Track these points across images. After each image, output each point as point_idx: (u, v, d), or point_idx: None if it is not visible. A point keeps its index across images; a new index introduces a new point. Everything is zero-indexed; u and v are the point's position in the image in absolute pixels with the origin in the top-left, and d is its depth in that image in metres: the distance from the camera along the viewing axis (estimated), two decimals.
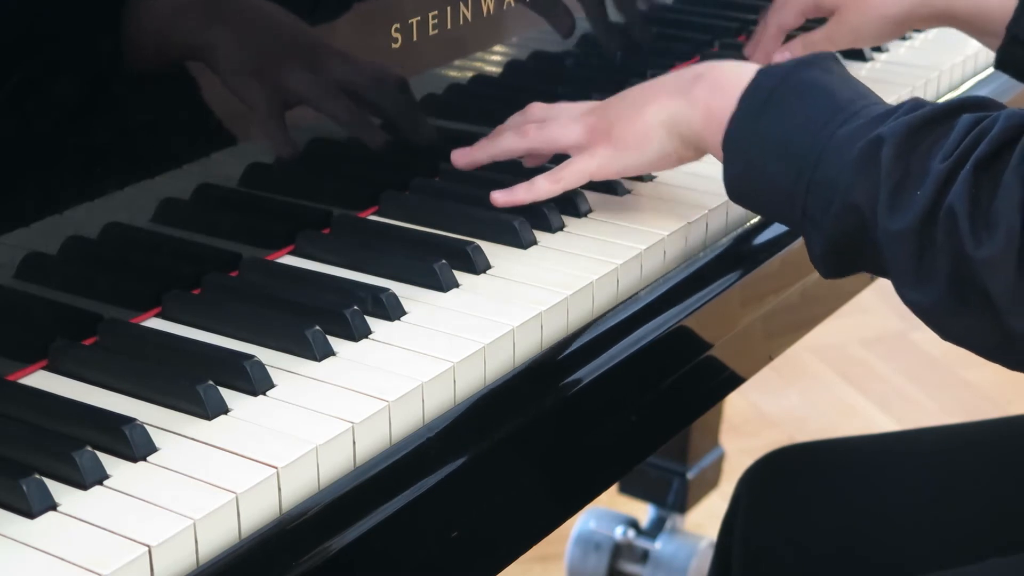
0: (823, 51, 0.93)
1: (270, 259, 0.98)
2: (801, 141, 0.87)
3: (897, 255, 0.81)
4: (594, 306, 0.94)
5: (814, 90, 0.89)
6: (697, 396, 1.05)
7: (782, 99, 0.89)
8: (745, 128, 0.90)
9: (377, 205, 1.05)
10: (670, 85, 0.98)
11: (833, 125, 0.86)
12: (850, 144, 0.84)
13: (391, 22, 1.02)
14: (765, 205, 0.92)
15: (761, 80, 0.91)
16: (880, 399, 2.45)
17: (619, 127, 0.99)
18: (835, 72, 0.91)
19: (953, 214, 0.78)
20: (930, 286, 0.80)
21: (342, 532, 0.74)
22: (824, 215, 0.85)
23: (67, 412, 0.79)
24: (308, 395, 0.81)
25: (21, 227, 0.83)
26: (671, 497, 1.83)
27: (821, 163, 0.85)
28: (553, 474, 0.89)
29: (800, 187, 0.86)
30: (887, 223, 0.81)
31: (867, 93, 0.90)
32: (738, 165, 0.91)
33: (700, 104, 0.95)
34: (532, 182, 1.00)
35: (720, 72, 0.95)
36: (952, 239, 0.78)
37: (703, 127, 0.95)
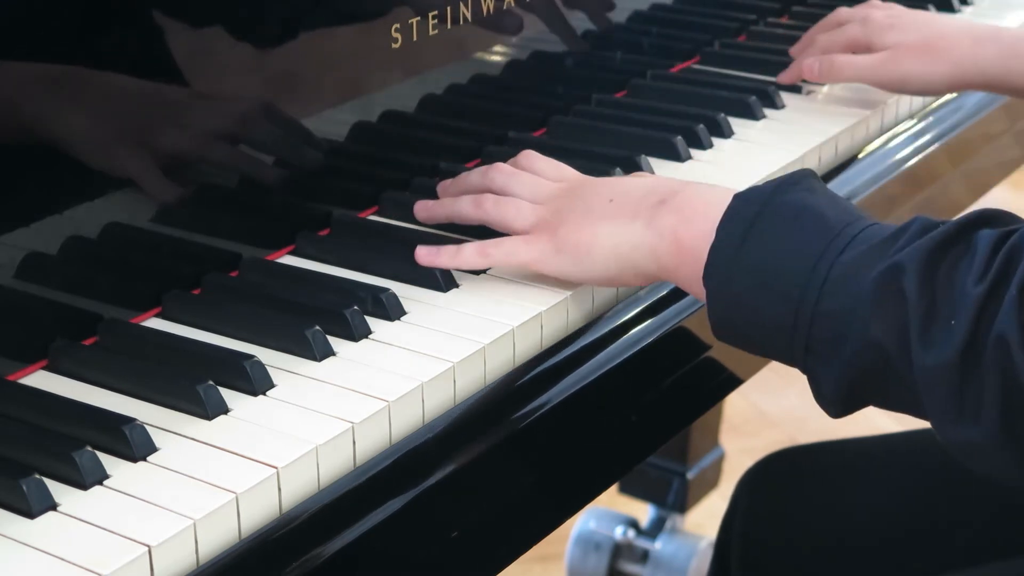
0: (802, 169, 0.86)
1: (270, 259, 0.98)
2: (796, 271, 0.79)
3: (936, 391, 0.74)
4: (594, 306, 0.94)
5: (802, 214, 0.81)
6: (697, 396, 1.05)
7: (767, 225, 0.81)
8: (727, 260, 0.82)
9: (377, 205, 1.05)
10: (630, 206, 0.89)
11: (831, 253, 0.79)
12: (857, 273, 0.77)
13: (391, 22, 1.02)
14: (757, 342, 0.83)
15: (739, 206, 0.83)
16: None
17: (565, 230, 0.91)
18: (819, 192, 0.83)
19: (1005, 343, 0.71)
20: (975, 421, 0.74)
21: (342, 532, 0.74)
22: (835, 351, 0.78)
23: (67, 412, 0.79)
24: (308, 395, 0.81)
25: (21, 227, 0.83)
26: (671, 497, 1.83)
27: (825, 295, 0.78)
28: (553, 474, 0.89)
29: (802, 322, 0.79)
30: (923, 359, 0.74)
31: (858, 213, 0.82)
32: (723, 301, 0.83)
33: (667, 234, 0.86)
34: (460, 248, 0.93)
35: (685, 198, 0.88)
36: (1005, 370, 0.72)
37: (672, 259, 0.87)
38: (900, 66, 1.19)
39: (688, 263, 0.85)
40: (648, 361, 0.94)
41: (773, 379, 2.53)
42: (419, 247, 0.94)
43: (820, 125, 1.21)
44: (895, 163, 1.23)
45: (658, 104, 1.25)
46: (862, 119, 1.23)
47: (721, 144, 1.18)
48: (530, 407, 0.86)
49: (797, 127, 1.21)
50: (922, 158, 1.26)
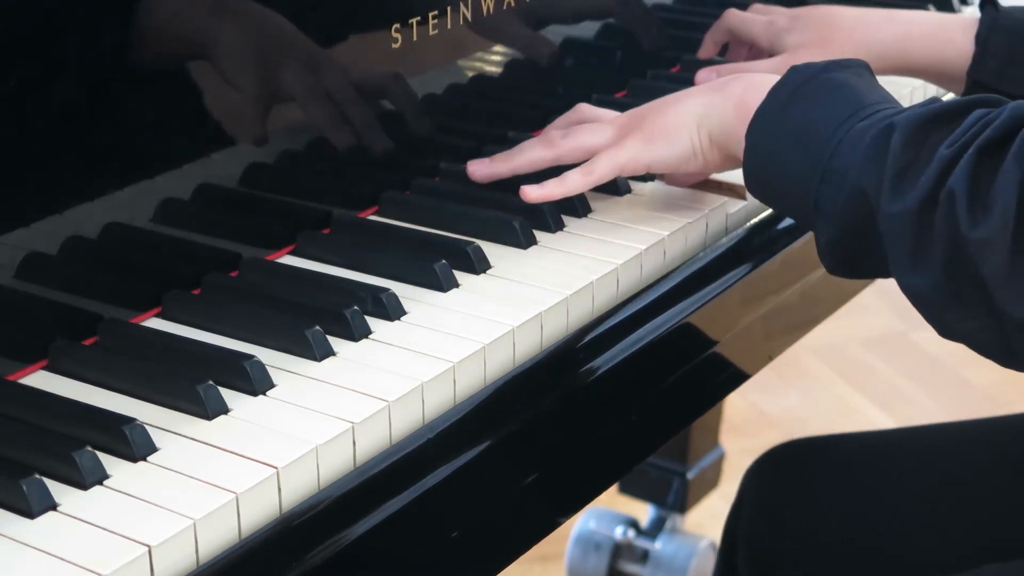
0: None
1: (270, 259, 0.98)
2: (820, 132, 0.87)
3: (896, 239, 0.81)
4: (594, 306, 0.94)
5: (841, 88, 0.90)
6: (697, 396, 1.05)
7: (809, 94, 0.90)
8: (769, 118, 0.91)
9: (377, 205, 1.05)
10: (706, 86, 1.00)
11: (854, 120, 0.87)
12: (865, 135, 0.85)
13: (391, 22, 1.02)
14: (779, 195, 0.92)
15: (791, 75, 0.92)
16: (880, 399, 2.45)
17: (650, 119, 1.00)
18: (864, 77, 0.92)
19: (952, 196, 0.78)
20: (927, 270, 0.80)
21: (342, 532, 0.74)
22: (833, 204, 0.86)
23: (67, 412, 0.79)
24: (308, 395, 0.81)
25: (21, 227, 0.83)
26: (671, 497, 1.83)
27: (836, 154, 0.86)
28: (553, 474, 0.89)
29: (815, 176, 0.87)
30: (888, 206, 0.81)
31: (893, 100, 0.90)
32: (757, 153, 0.92)
33: (734, 97, 0.96)
34: (563, 177, 0.99)
35: (755, 75, 0.98)
36: (949, 220, 0.78)
37: (734, 119, 0.96)
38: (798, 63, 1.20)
39: (744, 123, 0.94)
40: (648, 361, 0.94)
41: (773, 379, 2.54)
42: (524, 187, 0.99)
43: None
44: None
45: None
46: None
47: None
48: (530, 407, 0.86)
49: None
50: None
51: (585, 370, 0.90)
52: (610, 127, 1.01)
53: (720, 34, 1.29)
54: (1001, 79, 1.12)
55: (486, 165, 1.03)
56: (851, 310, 1.51)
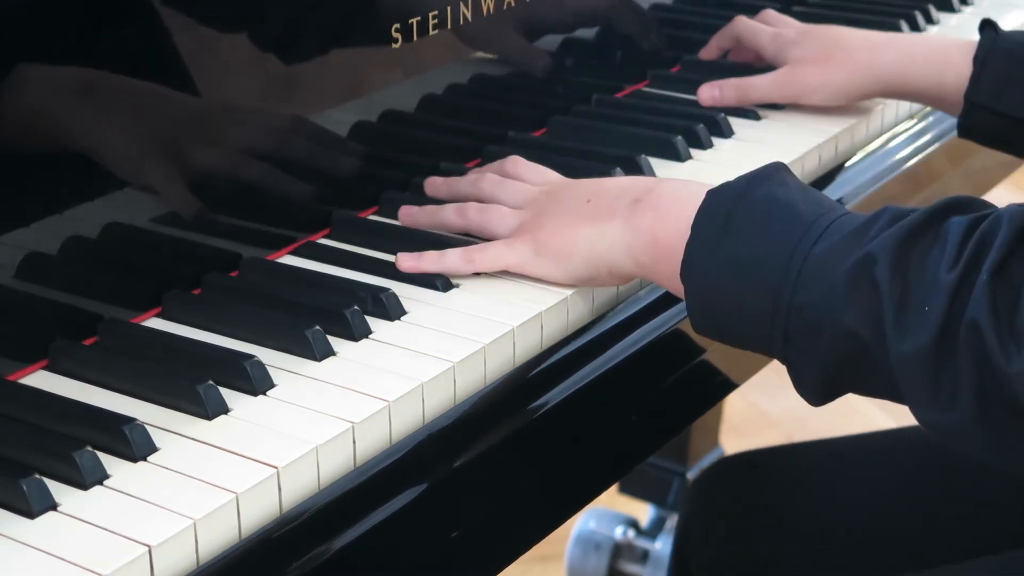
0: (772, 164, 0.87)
1: (270, 259, 0.98)
2: (771, 264, 0.81)
3: (912, 377, 0.76)
4: (594, 306, 0.94)
5: (775, 207, 0.83)
6: (697, 396, 1.05)
7: (741, 221, 0.83)
8: (704, 256, 0.83)
9: (377, 205, 1.05)
10: (606, 207, 0.91)
11: (805, 244, 0.80)
12: (830, 263, 0.79)
13: (391, 22, 1.02)
14: (737, 335, 0.85)
15: (713, 202, 0.84)
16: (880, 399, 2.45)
17: (545, 234, 0.93)
18: (790, 184, 0.85)
19: (977, 328, 0.73)
20: (950, 406, 0.75)
21: (342, 532, 0.74)
22: (813, 341, 0.80)
23: (67, 412, 0.79)
24: (308, 395, 0.81)
25: (21, 227, 0.83)
26: (671, 497, 1.83)
27: (800, 286, 0.80)
28: (553, 474, 0.89)
29: (779, 313, 0.81)
30: (898, 345, 0.76)
31: (831, 204, 0.84)
32: (701, 296, 0.84)
33: (643, 233, 0.88)
34: (444, 254, 0.94)
35: (659, 195, 0.89)
36: (979, 354, 0.73)
37: (649, 257, 0.88)
38: (798, 78, 1.21)
39: (665, 260, 0.87)
40: (648, 361, 0.94)
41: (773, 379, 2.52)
42: (400, 255, 0.95)
43: (820, 125, 1.21)
44: (895, 163, 1.23)
45: (658, 104, 1.25)
46: (862, 119, 1.23)
47: (721, 144, 1.18)
48: (530, 407, 0.86)
49: (797, 127, 1.21)
50: (922, 158, 1.26)
51: (585, 370, 0.90)
52: (513, 219, 0.96)
53: (727, 40, 1.30)
54: (998, 100, 1.11)
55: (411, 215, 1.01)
56: None
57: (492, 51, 1.15)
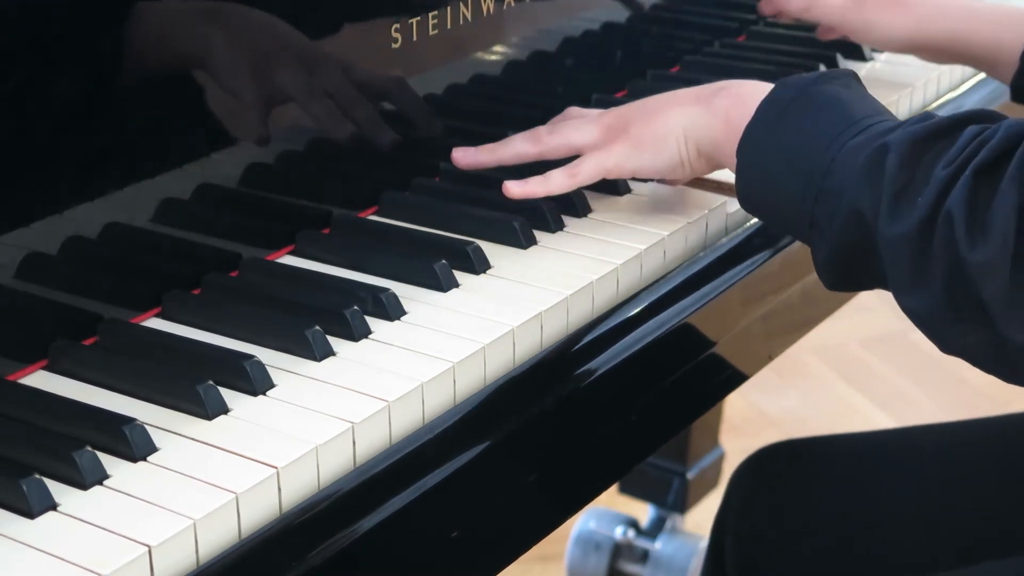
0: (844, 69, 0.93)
1: (270, 259, 0.98)
2: (813, 151, 0.86)
3: (895, 260, 0.81)
4: (594, 306, 0.94)
5: (831, 103, 0.88)
6: (697, 396, 1.05)
7: (799, 110, 0.89)
8: (760, 136, 0.90)
9: (377, 205, 1.05)
10: (691, 95, 0.99)
11: (845, 137, 0.86)
12: (858, 154, 0.84)
13: (391, 22, 1.02)
14: (774, 214, 0.92)
15: (780, 91, 0.91)
16: (880, 399, 2.45)
17: (637, 126, 0.99)
18: (853, 88, 0.91)
19: (951, 218, 0.78)
20: (926, 292, 0.80)
21: (342, 532, 0.74)
22: (829, 223, 0.85)
23: (67, 412, 0.79)
24: (308, 395, 0.81)
25: (21, 227, 0.83)
26: (671, 497, 1.83)
27: (830, 173, 0.85)
28: (553, 474, 0.89)
29: (809, 196, 0.86)
30: (887, 228, 0.81)
31: (883, 111, 0.89)
32: (751, 172, 0.91)
33: (720, 113, 0.95)
34: (547, 176, 0.99)
35: (741, 86, 0.97)
36: (948, 243, 0.78)
37: (722, 135, 0.95)
38: (865, 13, 1.23)
39: (732, 140, 0.93)
40: (648, 361, 0.94)
41: (773, 379, 2.53)
42: (508, 182, 0.99)
43: None
44: None
45: None
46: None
47: None
48: (530, 407, 0.86)
49: None
50: None
51: (585, 370, 0.90)
52: (596, 126, 1.01)
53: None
54: None
55: (471, 154, 1.04)
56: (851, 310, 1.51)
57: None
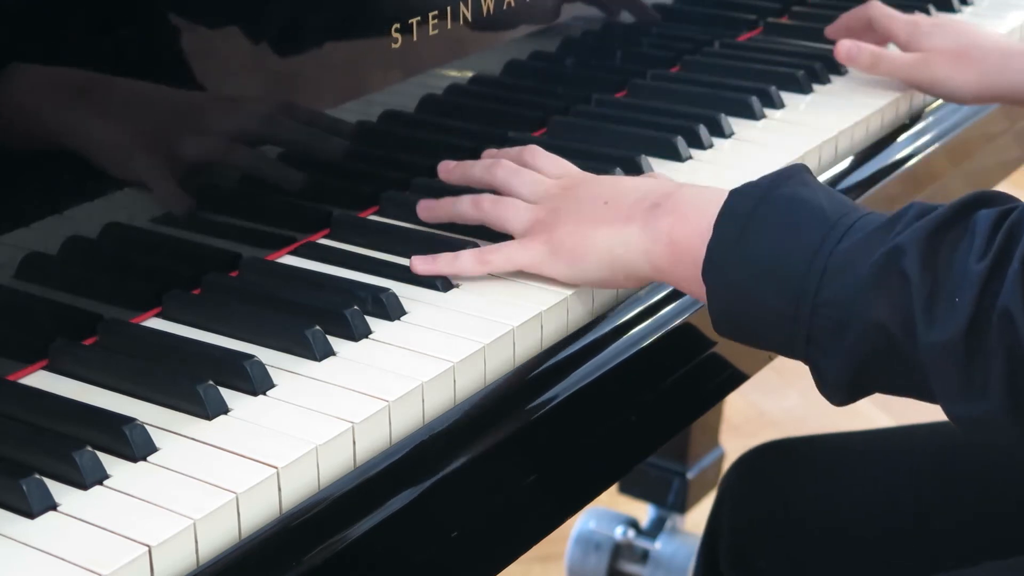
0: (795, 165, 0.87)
1: (270, 259, 0.98)
2: (795, 263, 0.80)
3: (942, 369, 0.76)
4: (594, 306, 0.94)
5: (798, 207, 0.82)
6: (696, 396, 1.05)
7: (764, 219, 0.82)
8: (726, 256, 0.83)
9: (377, 205, 1.05)
10: (625, 210, 0.91)
11: (830, 243, 0.80)
12: (855, 260, 0.79)
13: (391, 22, 1.02)
14: (759, 335, 0.84)
15: (736, 203, 0.84)
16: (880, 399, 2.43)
17: (560, 234, 0.92)
18: (812, 185, 0.85)
19: (1009, 316, 0.73)
20: (981, 396, 0.75)
21: (342, 532, 0.74)
22: (837, 339, 0.79)
23: (67, 412, 0.79)
24: (308, 395, 0.81)
25: (21, 227, 0.83)
26: (671, 497, 1.83)
27: (824, 284, 0.79)
28: (553, 474, 0.89)
29: (803, 313, 0.80)
30: (928, 336, 0.75)
31: (852, 204, 0.84)
32: (724, 296, 0.84)
33: (662, 236, 0.88)
34: (457, 255, 0.94)
35: (680, 199, 0.89)
36: (1010, 343, 0.73)
37: (666, 259, 0.88)
38: (931, 69, 1.24)
39: (684, 262, 0.86)
40: (648, 361, 0.94)
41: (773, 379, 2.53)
42: (415, 257, 0.95)
43: (820, 124, 1.20)
44: (895, 163, 1.23)
45: (658, 104, 1.25)
46: (862, 119, 1.23)
47: (721, 144, 1.18)
48: (530, 407, 0.86)
49: (797, 127, 1.21)
50: (922, 158, 1.26)
51: (585, 370, 0.90)
52: (528, 215, 0.95)
53: (858, 21, 1.32)
54: None
55: (430, 208, 1.01)
56: None
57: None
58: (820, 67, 1.30)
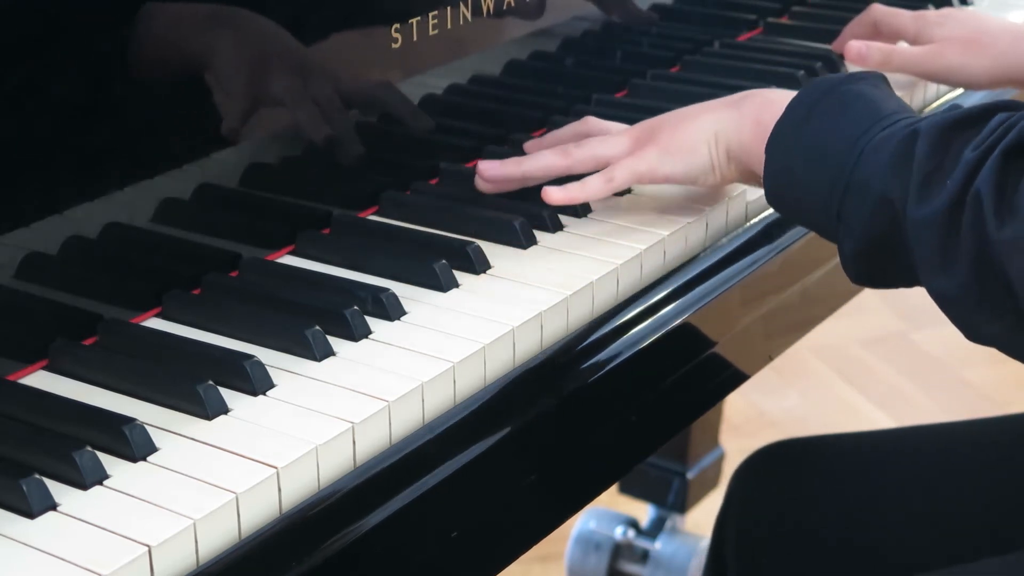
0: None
1: (270, 259, 0.98)
2: (841, 145, 0.88)
3: (923, 243, 0.82)
4: (594, 306, 0.94)
5: (858, 100, 0.90)
6: (696, 396, 1.05)
7: (827, 108, 0.91)
8: (788, 133, 0.92)
9: (377, 205, 1.05)
10: (719, 101, 1.01)
11: (874, 131, 0.87)
12: (886, 144, 0.85)
13: (391, 22, 1.02)
14: (801, 210, 0.93)
15: (809, 90, 0.93)
16: (880, 399, 2.45)
17: (666, 133, 1.00)
18: (880, 88, 0.93)
19: (979, 198, 0.79)
20: (954, 273, 0.81)
21: (342, 532, 0.74)
22: (858, 215, 0.86)
23: (67, 412, 0.79)
24: (308, 395, 0.81)
25: (21, 227, 0.83)
26: (671, 497, 1.83)
27: (859, 166, 0.87)
28: (553, 474, 0.89)
29: (837, 189, 0.87)
30: (914, 211, 0.82)
31: (909, 109, 0.91)
32: (778, 168, 0.92)
33: (750, 116, 0.97)
34: (584, 181, 1.00)
35: (765, 91, 1.00)
36: (976, 223, 0.79)
37: (751, 137, 0.97)
38: (944, 59, 1.24)
39: (762, 140, 0.95)
40: (648, 361, 0.94)
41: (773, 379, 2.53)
42: (548, 187, 1.00)
43: None
44: None
45: (658, 104, 1.25)
46: None
47: None
48: (530, 407, 0.86)
49: None
50: None
51: (585, 370, 0.90)
52: (624, 138, 1.02)
53: (863, 27, 1.32)
54: None
55: (497, 167, 1.03)
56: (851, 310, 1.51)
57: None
58: (820, 67, 1.30)
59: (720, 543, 1.24)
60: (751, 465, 1.25)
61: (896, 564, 1.12)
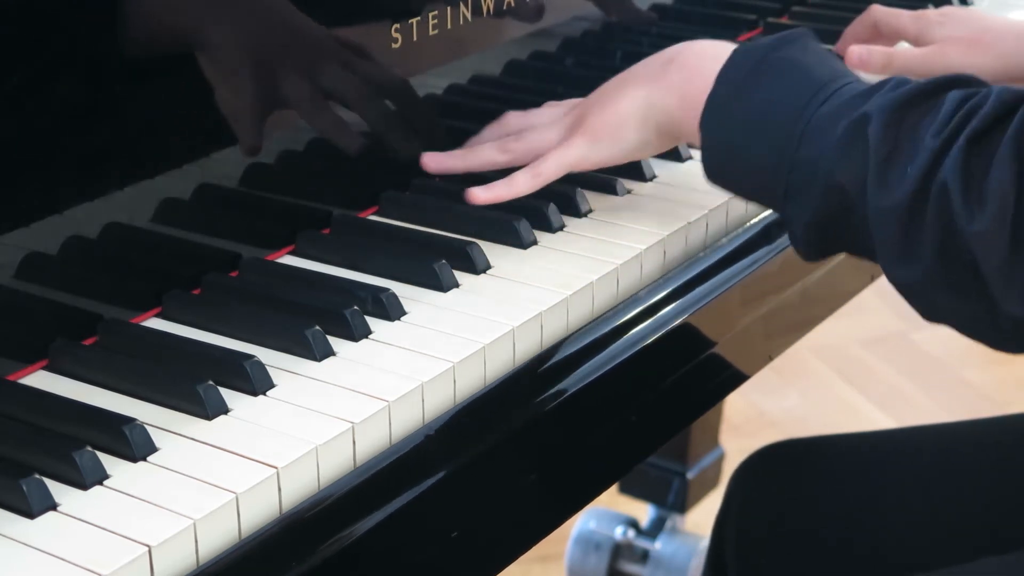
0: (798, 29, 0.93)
1: (270, 259, 0.98)
2: (781, 120, 0.87)
3: (884, 232, 0.81)
4: (594, 306, 0.94)
5: (793, 69, 0.88)
6: (696, 396, 1.05)
7: (760, 78, 0.89)
8: (722, 108, 0.90)
9: (377, 205, 1.05)
10: (641, 73, 0.98)
11: (814, 104, 0.86)
12: (832, 123, 0.84)
13: (391, 22, 1.02)
14: (744, 186, 0.92)
15: (737, 60, 0.91)
16: (880, 399, 2.45)
17: (593, 118, 0.99)
18: (811, 50, 0.90)
19: (945, 189, 0.78)
20: (917, 262, 0.80)
21: (342, 532, 0.74)
22: (807, 195, 0.85)
23: (67, 412, 0.79)
24: (308, 395, 0.81)
25: (21, 227, 0.83)
26: (671, 497, 1.83)
27: (803, 142, 0.85)
28: (553, 474, 0.89)
29: (782, 166, 0.86)
30: (876, 200, 0.81)
31: (845, 72, 0.89)
32: (716, 145, 0.91)
33: (675, 90, 0.95)
34: (511, 178, 0.99)
35: (691, 54, 0.96)
36: (943, 213, 0.78)
37: (679, 112, 0.95)
38: (947, 59, 1.23)
39: (691, 115, 0.93)
40: (648, 361, 0.94)
41: (773, 379, 2.54)
42: (472, 189, 0.99)
43: None
44: None
45: None
46: None
47: None
48: (530, 407, 0.86)
49: None
50: None
51: (585, 370, 0.90)
52: (558, 127, 1.01)
53: (863, 28, 1.31)
54: None
55: (441, 160, 1.04)
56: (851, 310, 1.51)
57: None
58: None
59: (720, 543, 1.24)
60: (751, 465, 1.25)
61: (896, 564, 1.12)
